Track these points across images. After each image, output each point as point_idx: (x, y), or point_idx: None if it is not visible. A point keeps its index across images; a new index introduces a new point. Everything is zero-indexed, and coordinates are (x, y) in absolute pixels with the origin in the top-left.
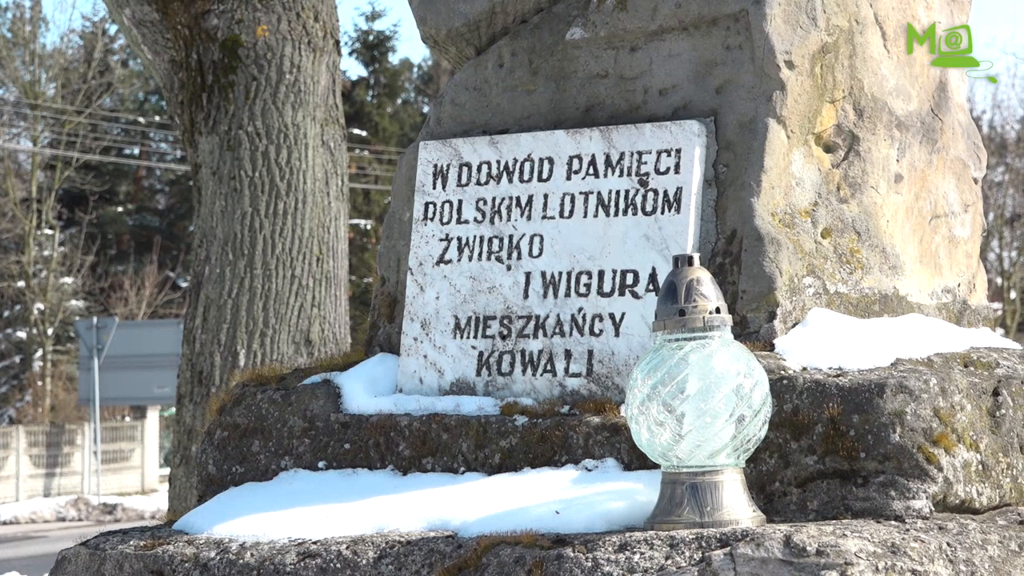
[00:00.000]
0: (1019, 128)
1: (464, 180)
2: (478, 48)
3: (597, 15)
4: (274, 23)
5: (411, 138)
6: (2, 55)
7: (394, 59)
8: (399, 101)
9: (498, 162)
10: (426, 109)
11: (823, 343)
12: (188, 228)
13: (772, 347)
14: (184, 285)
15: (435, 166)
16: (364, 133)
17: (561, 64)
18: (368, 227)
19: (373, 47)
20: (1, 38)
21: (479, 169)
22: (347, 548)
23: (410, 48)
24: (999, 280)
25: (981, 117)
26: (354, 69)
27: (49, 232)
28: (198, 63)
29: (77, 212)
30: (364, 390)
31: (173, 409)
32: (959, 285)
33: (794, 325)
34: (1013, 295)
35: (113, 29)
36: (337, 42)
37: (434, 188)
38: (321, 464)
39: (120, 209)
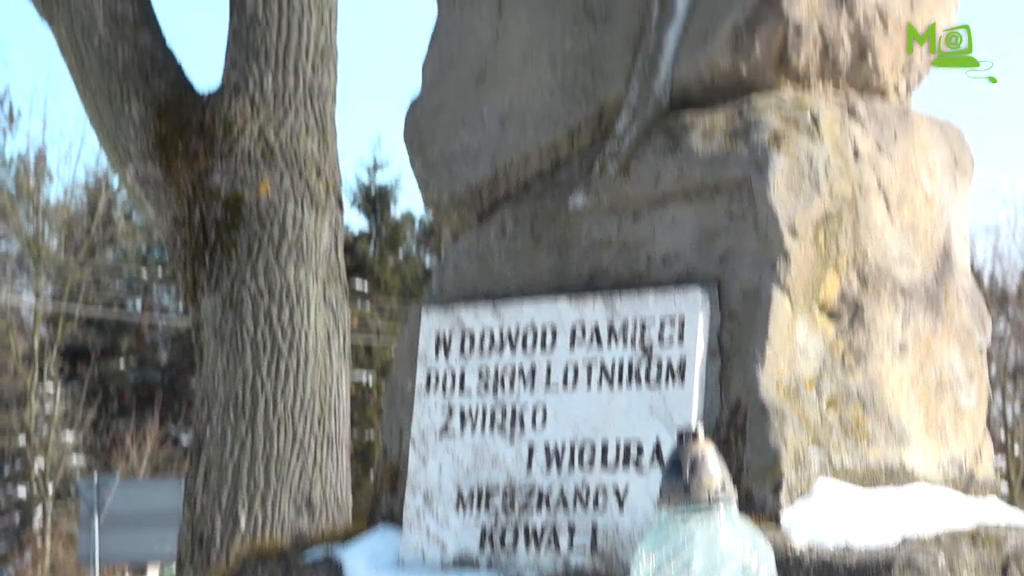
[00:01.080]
0: (1020, 281)
1: (466, 349)
2: (480, 213)
3: (600, 182)
4: (277, 180)
5: (412, 291)
6: (6, 209)
7: (396, 211)
8: (401, 255)
9: (500, 330)
10: (428, 261)
11: (829, 517)
12: (190, 383)
13: (778, 521)
14: (186, 439)
15: (437, 334)
16: (366, 285)
17: (564, 231)
18: (369, 381)
19: (375, 199)
20: (5, 192)
21: (481, 338)
22: None
23: (412, 199)
24: (1003, 434)
25: (982, 269)
26: (356, 221)
27: (50, 389)
28: (201, 221)
29: (79, 366)
30: (366, 566)
31: (173, 566)
32: (965, 456)
33: (800, 497)
34: (1017, 450)
35: (117, 181)
36: (340, 199)
37: (436, 357)
38: None
39: (122, 364)
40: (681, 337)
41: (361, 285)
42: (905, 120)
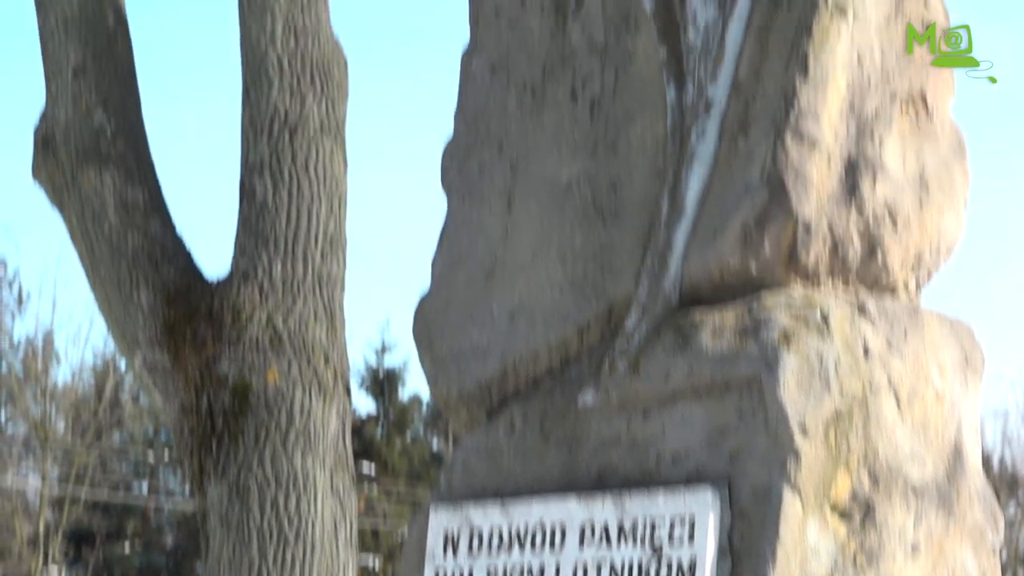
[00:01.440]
0: None
1: (475, 548)
2: (489, 410)
3: (610, 380)
4: (285, 368)
5: (420, 474)
6: (14, 392)
7: (404, 393)
8: (409, 437)
9: (509, 529)
10: (436, 444)
11: None
12: (196, 567)
13: None
14: None
15: (446, 533)
16: (373, 468)
17: (573, 429)
18: (376, 565)
19: (383, 382)
20: (13, 375)
21: (490, 537)
22: None
23: (420, 381)
24: None
25: (991, 453)
26: (363, 404)
27: (55, 574)
28: (208, 409)
29: (84, 550)
30: None
31: None
32: None
33: None
34: None
35: (124, 363)
36: (347, 387)
37: (444, 556)
38: None
39: (127, 548)
40: (691, 537)
41: (368, 468)
42: (915, 318)
